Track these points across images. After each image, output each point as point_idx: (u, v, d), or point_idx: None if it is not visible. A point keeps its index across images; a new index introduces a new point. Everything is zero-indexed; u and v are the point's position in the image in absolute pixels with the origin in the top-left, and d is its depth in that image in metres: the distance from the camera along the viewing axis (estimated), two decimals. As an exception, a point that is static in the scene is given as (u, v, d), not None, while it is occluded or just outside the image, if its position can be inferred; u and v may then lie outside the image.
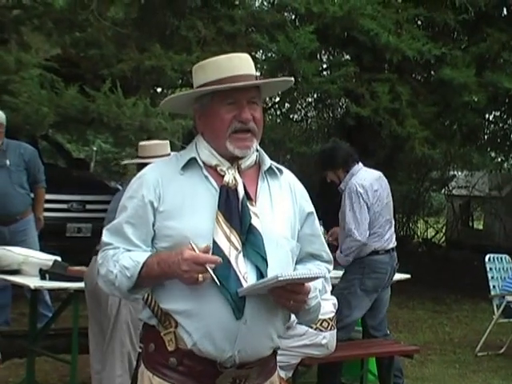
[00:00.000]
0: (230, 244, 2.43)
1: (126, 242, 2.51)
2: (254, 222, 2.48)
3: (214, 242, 2.42)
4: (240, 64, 2.56)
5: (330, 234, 6.09)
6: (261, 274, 2.42)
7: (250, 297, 2.41)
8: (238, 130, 2.51)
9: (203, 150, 2.56)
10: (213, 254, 2.39)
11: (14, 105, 7.64)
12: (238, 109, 2.50)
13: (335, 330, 5.25)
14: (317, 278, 2.47)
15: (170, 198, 2.50)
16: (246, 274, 2.42)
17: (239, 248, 2.44)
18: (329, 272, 2.70)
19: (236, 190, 2.49)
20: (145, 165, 5.15)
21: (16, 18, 8.88)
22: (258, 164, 2.62)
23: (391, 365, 5.89)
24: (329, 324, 5.17)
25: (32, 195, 7.43)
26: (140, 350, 5.17)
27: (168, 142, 5.59)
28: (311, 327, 5.07)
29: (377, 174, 5.99)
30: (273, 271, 2.41)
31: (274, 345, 2.55)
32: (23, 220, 7.28)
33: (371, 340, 6.12)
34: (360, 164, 5.88)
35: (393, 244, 5.96)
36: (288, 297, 2.42)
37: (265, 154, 2.64)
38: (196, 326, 2.42)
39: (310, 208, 2.69)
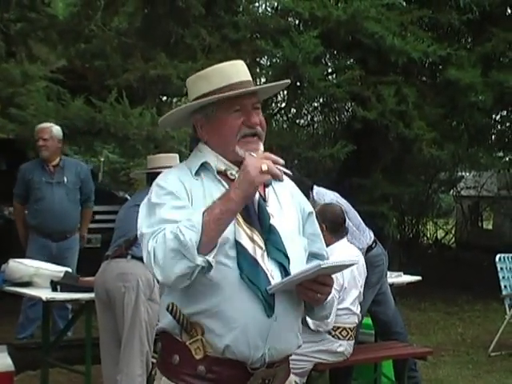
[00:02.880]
0: (253, 244, 2.45)
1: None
2: (272, 221, 2.52)
3: (238, 243, 2.43)
4: (241, 70, 2.61)
5: None
6: (285, 271, 2.46)
7: (278, 294, 2.44)
8: (246, 135, 2.54)
9: (210, 157, 2.57)
10: (238, 254, 2.41)
11: (21, 117, 7.67)
12: (245, 114, 2.53)
13: (353, 341, 5.27)
14: (352, 264, 2.63)
15: (193, 199, 2.49)
16: (272, 272, 2.45)
17: (263, 247, 2.47)
18: None
19: None
20: (154, 174, 5.23)
21: (21, 30, 8.92)
22: None
23: (405, 366, 5.90)
24: (348, 333, 5.21)
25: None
26: (154, 360, 5.19)
27: (177, 155, 5.62)
28: (330, 333, 5.09)
29: (316, 187, 6.09)
30: (294, 268, 2.46)
31: (299, 342, 2.60)
32: (71, 238, 7.39)
33: (383, 343, 6.13)
34: None
35: (372, 233, 6.13)
36: (317, 289, 2.45)
37: None
38: (228, 326, 2.41)
39: (310, 208, 2.73)
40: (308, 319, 2.67)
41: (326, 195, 5.93)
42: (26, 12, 8.77)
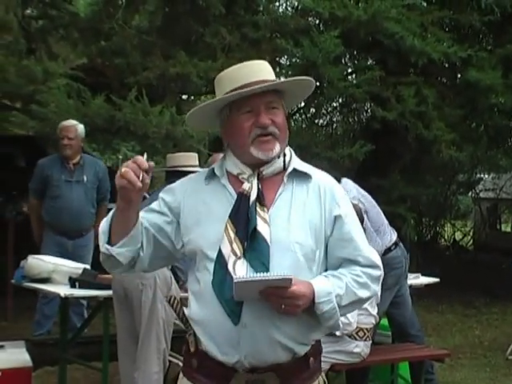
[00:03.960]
0: (231, 250, 2.44)
1: None
2: (261, 227, 2.46)
3: (220, 250, 2.44)
4: (251, 72, 2.55)
5: None
6: None
7: (248, 302, 2.41)
8: (259, 135, 2.51)
9: (228, 160, 2.60)
10: (216, 261, 2.44)
11: (41, 114, 7.71)
12: (256, 115, 2.51)
13: (370, 342, 5.25)
14: (280, 280, 2.35)
15: (189, 207, 2.56)
16: None
17: (239, 254, 2.43)
18: (370, 276, 2.63)
19: (248, 195, 2.50)
20: (172, 172, 5.25)
21: (42, 27, 8.97)
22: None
23: (421, 368, 5.87)
24: (365, 334, 5.18)
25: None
26: (171, 358, 5.21)
27: (196, 155, 5.63)
28: (347, 335, 5.08)
29: (344, 179, 5.82)
30: None
31: (286, 351, 2.48)
32: (86, 235, 7.35)
33: (400, 344, 6.10)
34: None
35: (395, 235, 5.98)
36: (276, 300, 2.39)
37: (294, 159, 2.64)
38: (202, 330, 2.48)
39: (339, 211, 2.58)
40: None
41: (350, 192, 5.77)
42: (48, 9, 8.83)
